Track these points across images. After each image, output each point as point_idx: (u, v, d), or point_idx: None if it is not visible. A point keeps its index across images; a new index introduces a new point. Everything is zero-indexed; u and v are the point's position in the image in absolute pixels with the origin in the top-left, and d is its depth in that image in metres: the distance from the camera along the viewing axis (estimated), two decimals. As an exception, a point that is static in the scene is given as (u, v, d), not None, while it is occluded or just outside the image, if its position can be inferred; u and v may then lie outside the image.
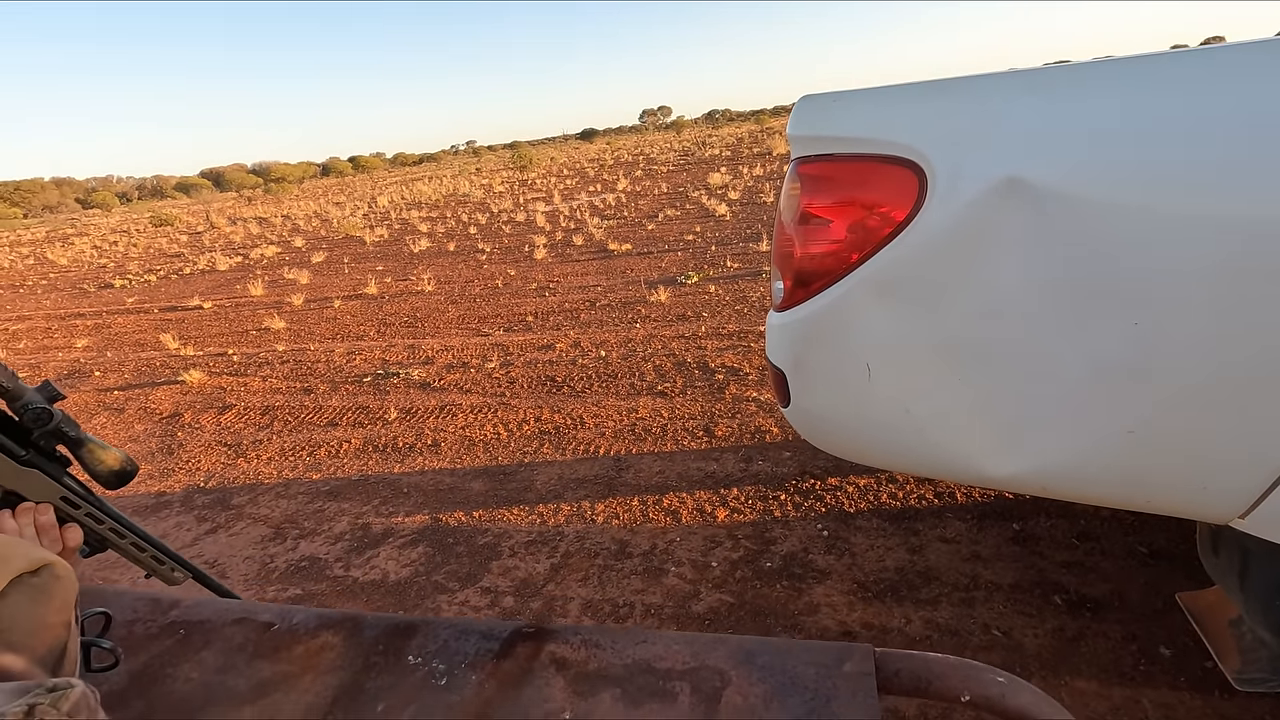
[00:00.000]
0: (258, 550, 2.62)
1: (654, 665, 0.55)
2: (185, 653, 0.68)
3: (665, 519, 2.45)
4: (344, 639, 0.65)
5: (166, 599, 0.77)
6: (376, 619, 0.67)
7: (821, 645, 0.55)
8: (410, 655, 0.61)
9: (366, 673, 0.61)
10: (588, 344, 4.65)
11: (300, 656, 0.64)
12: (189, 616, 0.73)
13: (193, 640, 0.69)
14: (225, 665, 0.65)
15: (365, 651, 0.63)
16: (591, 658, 0.57)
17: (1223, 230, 0.97)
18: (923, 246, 1.11)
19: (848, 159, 1.16)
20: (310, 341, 5.78)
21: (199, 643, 0.68)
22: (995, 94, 1.08)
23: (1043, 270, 1.06)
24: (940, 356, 1.17)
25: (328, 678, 0.61)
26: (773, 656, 0.54)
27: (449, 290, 7.12)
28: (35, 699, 0.39)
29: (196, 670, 0.66)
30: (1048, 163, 1.03)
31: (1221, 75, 0.96)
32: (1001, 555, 2.04)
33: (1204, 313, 1.01)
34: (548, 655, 0.58)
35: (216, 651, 0.66)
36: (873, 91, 1.15)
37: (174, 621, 0.73)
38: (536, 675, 0.56)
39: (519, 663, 0.58)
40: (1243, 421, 1.05)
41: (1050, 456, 1.18)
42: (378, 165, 73.06)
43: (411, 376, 4.44)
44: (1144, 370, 1.06)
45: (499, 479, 2.92)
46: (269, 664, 0.64)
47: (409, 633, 0.64)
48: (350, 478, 3.12)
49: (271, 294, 8.28)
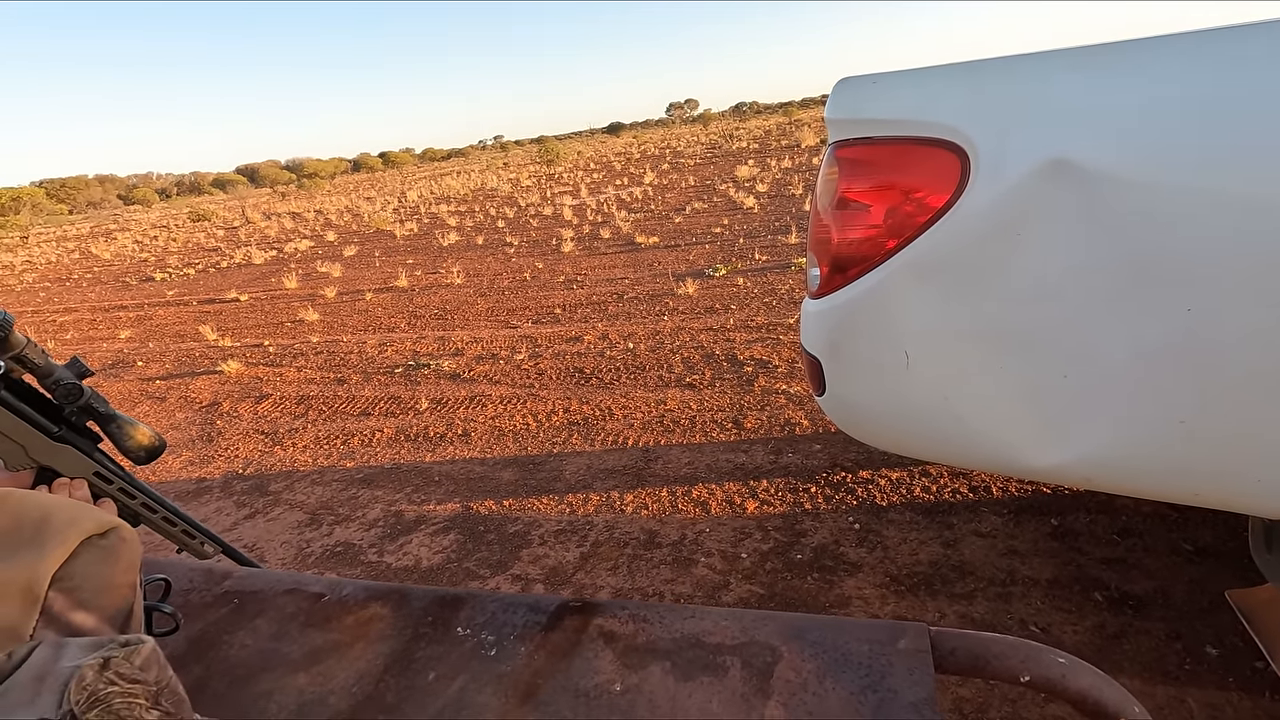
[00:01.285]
0: (294, 535, 2.68)
1: (703, 640, 0.55)
2: (240, 620, 0.70)
3: (694, 510, 2.45)
4: (392, 610, 0.67)
5: (220, 570, 0.79)
6: (424, 592, 0.68)
7: (874, 623, 0.54)
8: (459, 627, 0.62)
9: (416, 642, 0.62)
10: (615, 336, 4.66)
11: (351, 626, 0.66)
12: (242, 587, 0.75)
13: (246, 609, 0.71)
14: (279, 633, 0.67)
15: (414, 622, 0.64)
16: (640, 631, 0.57)
17: (1272, 211, 0.94)
18: (965, 230, 1.09)
19: (887, 142, 1.14)
20: (343, 333, 5.88)
21: (253, 611, 0.70)
22: (1039, 73, 1.06)
23: (1091, 254, 1.04)
24: (983, 343, 1.14)
25: (378, 646, 0.62)
26: (824, 633, 0.54)
27: (478, 283, 7.19)
28: (109, 653, 0.41)
29: (251, 638, 0.67)
30: (1096, 143, 1.01)
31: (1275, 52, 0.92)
32: (1039, 550, 2.00)
33: (1261, 299, 0.97)
34: (595, 629, 0.59)
35: (270, 620, 0.68)
36: (913, 73, 1.13)
37: (228, 591, 0.75)
38: (585, 647, 0.57)
39: (567, 635, 0.58)
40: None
41: (1096, 447, 1.15)
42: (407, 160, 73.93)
43: (442, 368, 4.49)
44: (1197, 358, 1.03)
45: (528, 468, 2.94)
46: (320, 633, 0.66)
47: (456, 605, 0.65)
48: (383, 466, 3.17)
49: (305, 287, 8.44)
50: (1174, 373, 1.05)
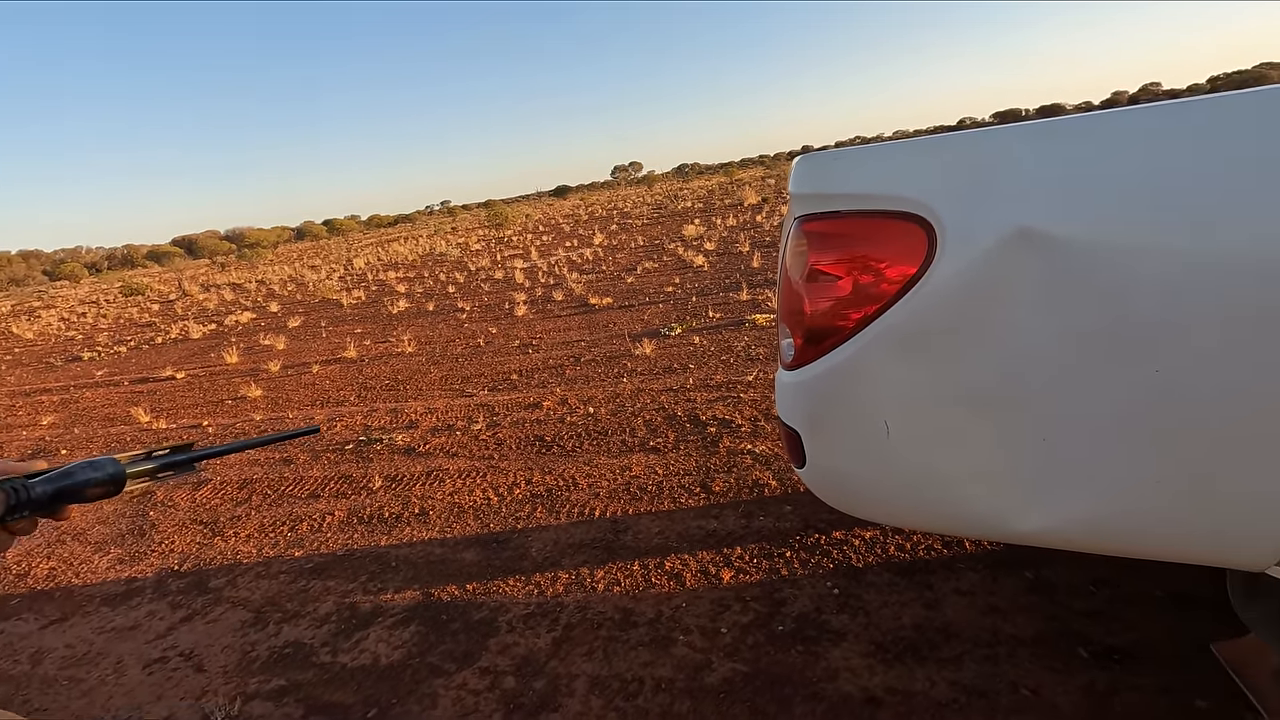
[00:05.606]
0: (238, 638, 2.47)
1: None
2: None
3: (669, 583, 2.36)
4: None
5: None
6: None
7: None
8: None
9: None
10: (575, 401, 4.59)
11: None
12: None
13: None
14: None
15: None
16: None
17: (1241, 274, 0.97)
18: (936, 301, 1.09)
19: (854, 215, 1.15)
20: (289, 409, 5.64)
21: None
22: (999, 147, 1.09)
23: (1060, 320, 1.05)
24: (961, 411, 1.14)
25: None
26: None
27: (430, 351, 7.05)
28: None
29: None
30: (1059, 212, 1.03)
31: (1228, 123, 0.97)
32: (1020, 606, 1.98)
33: (1226, 358, 1.00)
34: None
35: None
36: (877, 148, 1.15)
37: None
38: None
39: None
40: (1269, 464, 1.03)
41: (1078, 510, 1.14)
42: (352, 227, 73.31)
43: (395, 442, 4.32)
44: (1167, 419, 1.04)
45: (492, 547, 2.81)
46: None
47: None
48: (335, 553, 2.98)
49: (247, 361, 8.12)
50: (1146, 434, 1.06)
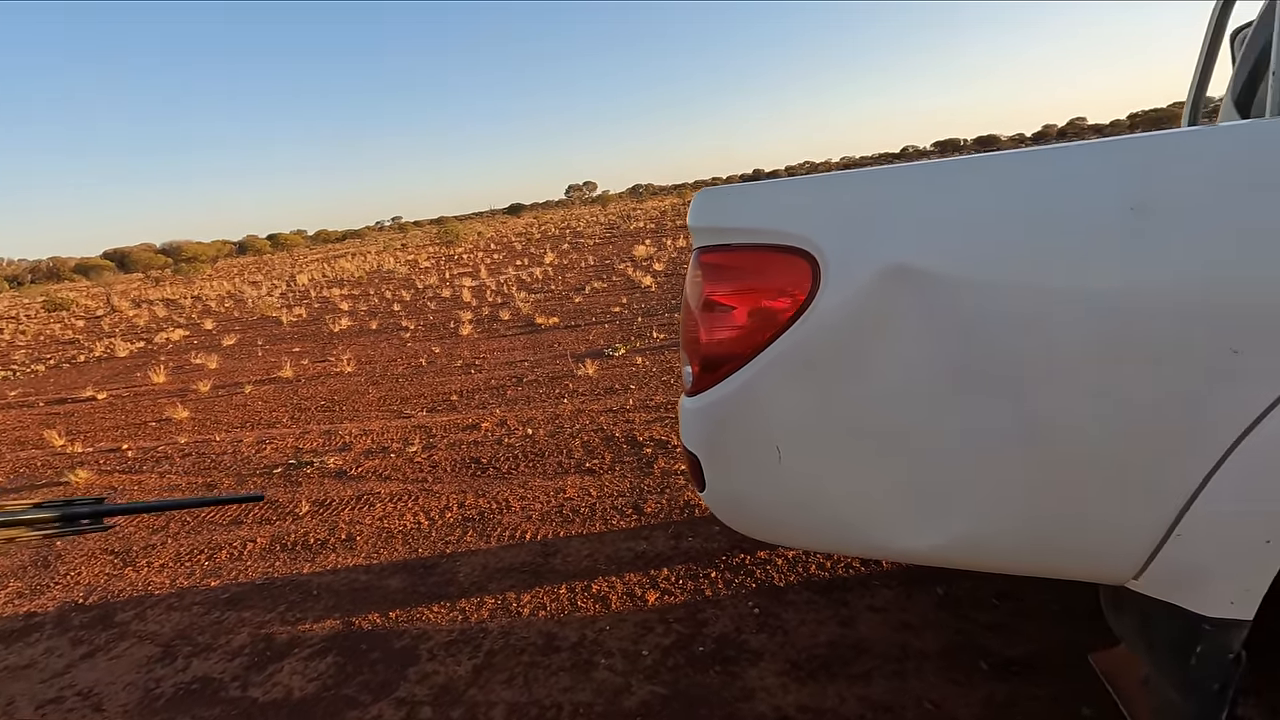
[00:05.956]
0: (141, 674, 2.35)
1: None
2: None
3: (595, 606, 2.36)
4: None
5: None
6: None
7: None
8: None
9: None
10: (514, 422, 4.56)
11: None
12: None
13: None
14: None
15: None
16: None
17: (1090, 307, 1.05)
18: (820, 331, 1.15)
19: (746, 249, 1.20)
20: (216, 431, 5.43)
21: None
22: (881, 186, 1.15)
23: (932, 350, 1.11)
24: (847, 436, 1.19)
25: None
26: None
27: (370, 371, 6.90)
28: None
29: None
30: (930, 249, 1.10)
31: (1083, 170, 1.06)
32: (929, 622, 2.05)
33: (1078, 389, 1.07)
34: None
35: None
36: (766, 185, 1.21)
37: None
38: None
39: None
40: (1123, 487, 1.11)
41: (958, 530, 1.20)
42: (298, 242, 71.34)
43: (327, 465, 4.21)
44: (1030, 442, 1.11)
45: (419, 573, 2.75)
46: None
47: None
48: (254, 582, 2.87)
49: (175, 381, 7.79)
50: (1013, 456, 1.13)
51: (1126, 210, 1.03)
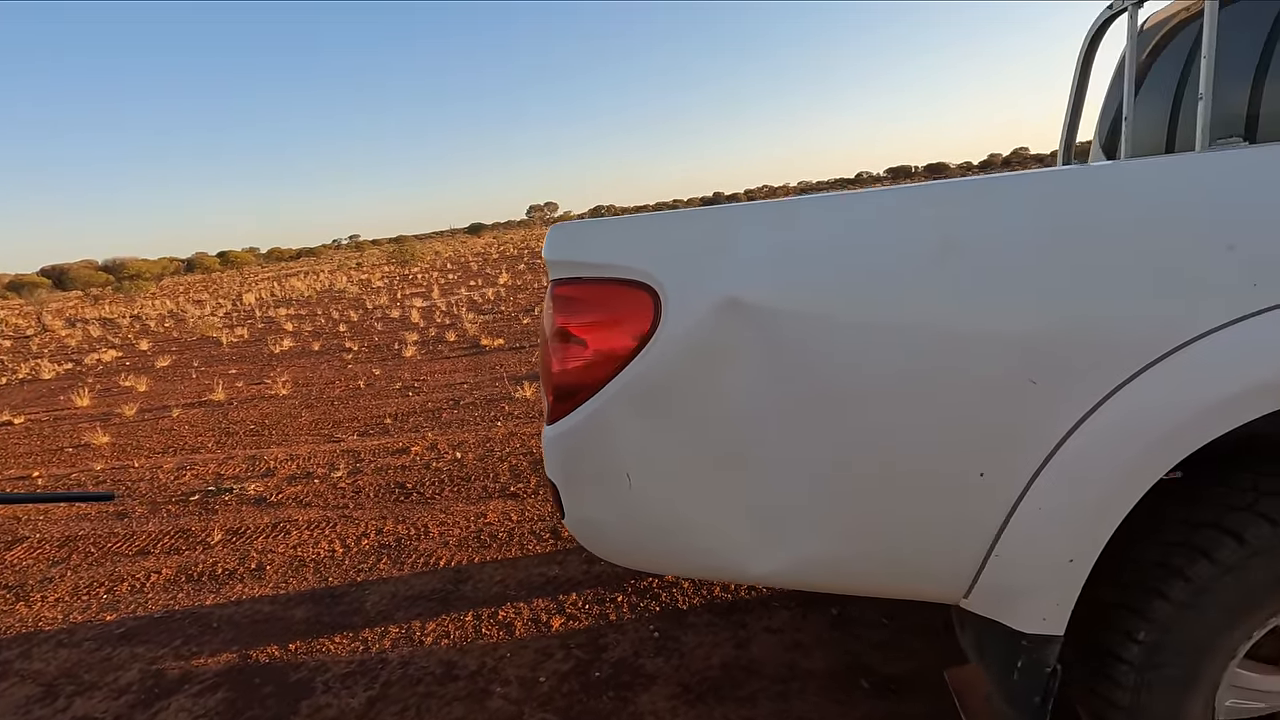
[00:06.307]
0: (19, 716, 2.24)
1: None
2: None
3: (498, 633, 2.34)
4: None
5: None
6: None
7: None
8: None
9: None
10: (445, 445, 4.51)
11: None
12: None
13: None
14: None
15: None
16: None
17: (903, 339, 1.11)
18: (662, 362, 1.19)
19: (594, 282, 1.24)
20: (136, 457, 5.23)
21: None
22: (717, 222, 1.21)
23: (765, 379, 1.16)
24: (692, 463, 1.23)
25: None
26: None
27: (305, 393, 6.75)
28: None
29: None
30: (760, 283, 1.16)
31: (892, 209, 1.13)
32: (821, 641, 2.10)
33: (895, 413, 1.13)
34: None
35: None
36: (612, 221, 1.26)
37: None
38: None
39: None
40: (945, 509, 1.17)
41: (804, 553, 1.25)
42: (249, 260, 69.49)
43: (247, 491, 4.09)
44: (859, 466, 1.17)
45: (326, 603, 2.69)
46: None
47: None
48: (152, 615, 2.77)
49: (101, 404, 7.48)
50: (846, 481, 1.18)
51: (937, 248, 1.11)
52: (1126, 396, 1.08)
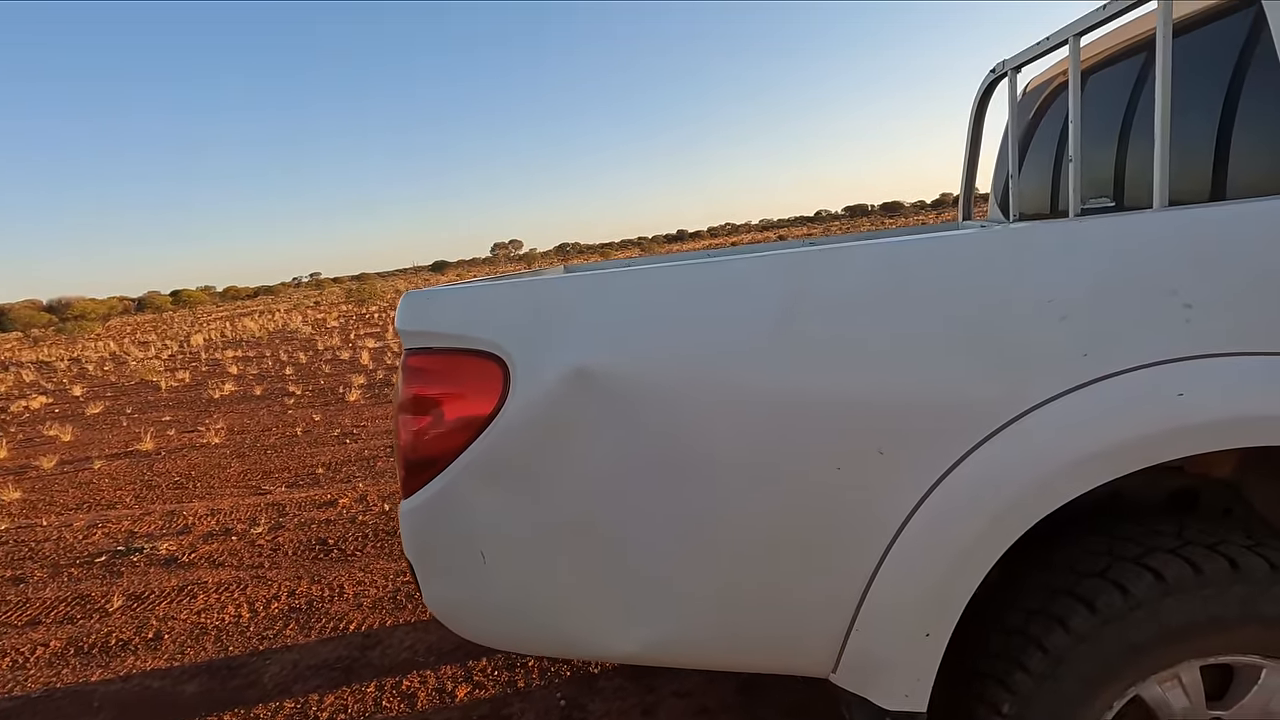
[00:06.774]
0: None
1: None
2: None
3: (399, 705, 2.22)
4: None
5: None
6: None
7: None
8: None
9: None
10: (375, 497, 4.37)
11: None
12: None
13: None
14: None
15: None
16: None
17: (750, 407, 1.09)
18: (513, 434, 1.15)
19: (444, 352, 1.20)
20: (46, 514, 4.94)
21: None
22: (565, 292, 1.18)
23: (615, 452, 1.13)
24: (546, 539, 1.18)
25: None
26: None
27: (239, 442, 6.50)
28: None
29: None
30: (609, 353, 1.13)
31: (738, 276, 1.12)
32: (728, 707, 2.03)
33: (747, 484, 1.11)
34: None
35: None
36: (461, 290, 1.22)
37: None
38: None
39: None
40: (801, 582, 1.15)
41: (664, 628, 1.20)
42: (203, 299, 67.75)
43: (158, 551, 3.88)
44: (714, 540, 1.14)
45: (221, 676, 2.53)
46: None
47: None
48: (29, 695, 2.57)
49: (17, 456, 7.09)
50: (700, 555, 1.15)
51: (779, 316, 1.10)
52: (971, 466, 1.08)
